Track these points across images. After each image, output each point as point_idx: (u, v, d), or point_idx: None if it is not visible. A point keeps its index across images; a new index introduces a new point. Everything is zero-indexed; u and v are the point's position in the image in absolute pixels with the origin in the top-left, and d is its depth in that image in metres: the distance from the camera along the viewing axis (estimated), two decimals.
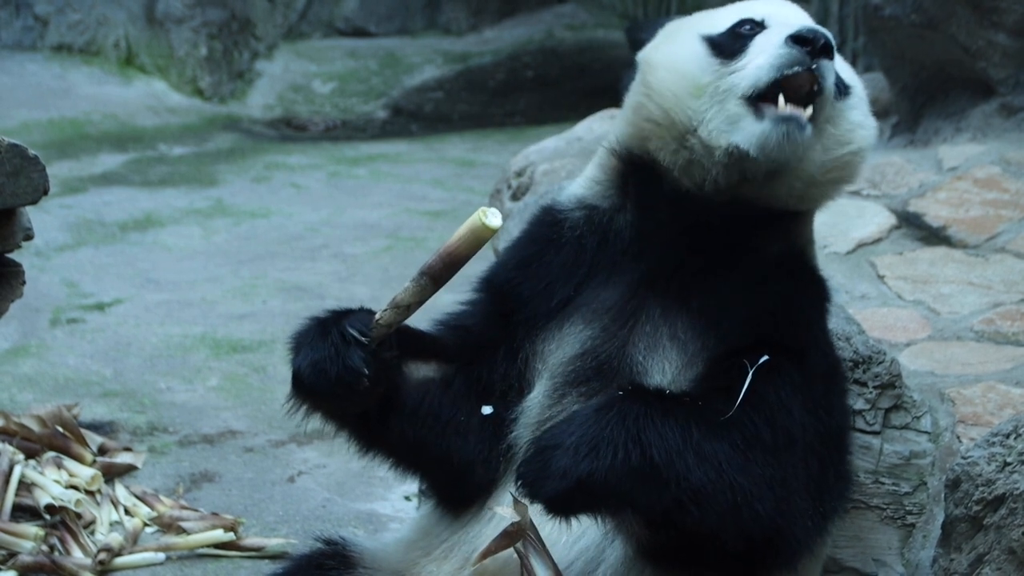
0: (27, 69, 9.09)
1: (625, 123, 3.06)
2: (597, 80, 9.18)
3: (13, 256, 3.66)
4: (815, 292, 3.02)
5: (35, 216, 3.70)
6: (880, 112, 6.11)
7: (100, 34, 9.27)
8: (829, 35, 2.83)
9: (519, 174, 5.05)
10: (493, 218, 2.79)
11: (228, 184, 7.84)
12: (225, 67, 9.44)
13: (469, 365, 3.06)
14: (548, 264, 3.05)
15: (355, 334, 2.86)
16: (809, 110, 2.82)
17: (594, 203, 3.07)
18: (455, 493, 3.10)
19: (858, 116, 2.99)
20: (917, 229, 4.69)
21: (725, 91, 2.85)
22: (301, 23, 10.08)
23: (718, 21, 2.98)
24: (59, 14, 9.24)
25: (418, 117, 9.61)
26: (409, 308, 2.87)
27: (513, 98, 9.84)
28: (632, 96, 3.04)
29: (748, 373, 2.76)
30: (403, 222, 7.21)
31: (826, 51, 2.81)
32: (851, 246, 4.55)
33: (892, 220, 4.72)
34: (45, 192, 3.59)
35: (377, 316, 2.88)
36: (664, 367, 2.92)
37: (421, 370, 3.05)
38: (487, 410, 3.02)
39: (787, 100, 2.81)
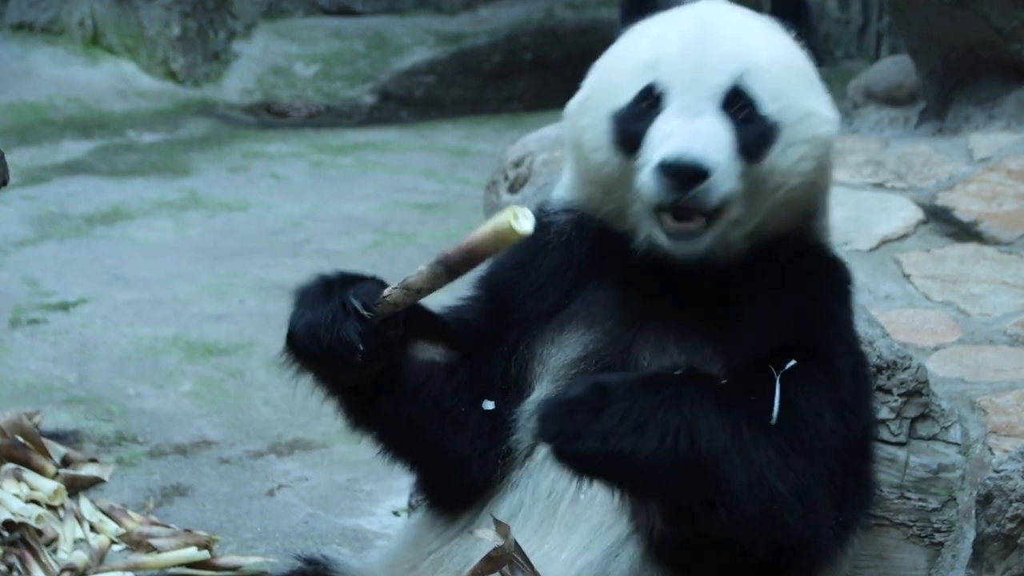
0: None
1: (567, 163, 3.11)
2: None
3: None
4: (835, 282, 3.04)
5: None
6: (906, 98, 6.13)
7: (64, 11, 9.26)
8: (702, 158, 2.78)
9: (517, 164, 5.04)
10: (524, 221, 2.81)
11: (202, 174, 7.84)
12: (199, 48, 9.43)
13: (470, 357, 3.10)
14: (539, 268, 3.10)
15: (357, 306, 2.89)
16: (701, 221, 2.83)
17: (580, 207, 3.09)
18: (446, 489, 3.14)
19: (790, 159, 2.91)
20: (946, 224, 4.70)
21: (629, 189, 2.88)
22: (282, 1, 10.09)
23: (625, 78, 2.95)
24: None
25: (408, 102, 9.61)
26: (419, 292, 2.91)
27: (510, 82, 9.84)
28: (566, 144, 3.08)
29: (776, 379, 2.79)
30: (392, 215, 7.21)
31: (698, 178, 2.78)
32: (874, 243, 4.56)
33: (919, 214, 4.73)
34: (4, 182, 3.59)
35: (386, 292, 2.92)
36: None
37: (428, 352, 3.07)
38: (488, 405, 3.06)
39: (676, 218, 2.83)
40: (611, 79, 2.99)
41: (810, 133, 2.91)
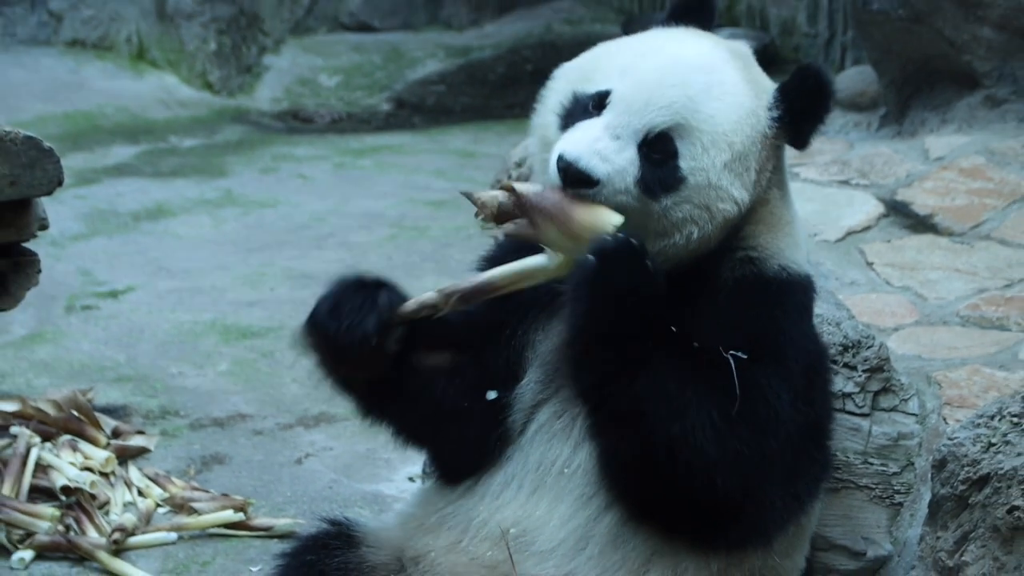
0: (42, 63, 9.06)
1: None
2: None
3: (29, 245, 3.67)
4: (786, 294, 2.98)
5: (50, 207, 3.70)
6: (868, 104, 6.12)
7: (113, 29, 9.24)
8: (589, 168, 2.76)
9: (519, 164, 5.05)
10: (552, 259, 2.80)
11: (237, 175, 7.83)
12: (234, 61, 9.41)
13: (478, 352, 3.07)
14: None
15: (384, 305, 2.88)
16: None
17: None
18: (453, 468, 3.13)
19: (681, 212, 2.85)
20: (904, 217, 4.69)
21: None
22: (307, 18, 10.05)
23: (601, 71, 2.92)
24: (73, 10, 9.20)
25: (421, 110, 9.58)
26: (430, 313, 2.88)
27: (513, 91, 9.80)
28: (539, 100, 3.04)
29: (730, 361, 2.78)
30: (407, 211, 7.20)
31: (583, 183, 2.77)
32: (841, 234, 4.56)
33: (880, 209, 4.72)
34: (60, 183, 3.60)
35: (408, 304, 2.90)
36: None
37: (433, 358, 3.04)
38: (492, 395, 3.04)
39: None
40: (592, 66, 2.96)
41: (706, 202, 2.85)
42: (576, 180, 2.78)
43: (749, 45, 3.12)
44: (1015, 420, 3.03)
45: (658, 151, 2.84)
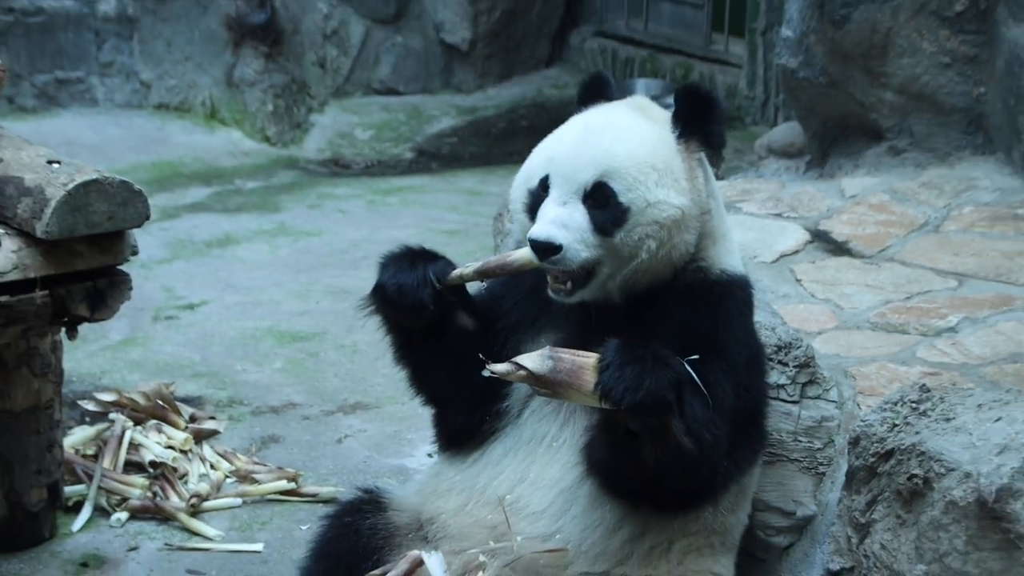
0: (135, 123, 9.06)
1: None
2: None
3: (123, 268, 3.68)
4: (727, 298, 2.99)
5: (140, 237, 3.71)
6: (796, 152, 6.14)
7: (191, 95, 9.24)
8: (552, 237, 2.80)
9: None
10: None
11: (289, 210, 7.83)
12: (287, 119, 9.41)
13: (481, 335, 3.08)
14: (519, 285, 3.09)
15: (433, 278, 2.93)
16: (568, 284, 2.87)
17: None
18: (452, 430, 3.14)
19: (636, 236, 2.86)
20: (826, 243, 4.70)
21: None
22: (346, 85, 10.04)
23: (538, 166, 2.97)
24: (159, 80, 9.22)
25: (437, 157, 9.57)
26: (471, 279, 2.96)
27: (511, 142, 9.79)
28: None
29: (685, 365, 2.77)
30: (426, 239, 7.10)
31: (552, 251, 2.82)
32: (775, 256, 4.57)
33: (807, 236, 4.73)
34: (147, 218, 3.61)
35: (453, 273, 2.95)
36: None
37: (463, 319, 3.06)
38: (486, 374, 3.04)
39: (553, 279, 2.89)
40: (532, 165, 3.01)
41: (652, 218, 2.85)
42: (544, 252, 2.83)
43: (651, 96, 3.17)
44: (914, 406, 3.04)
45: (598, 198, 2.86)
